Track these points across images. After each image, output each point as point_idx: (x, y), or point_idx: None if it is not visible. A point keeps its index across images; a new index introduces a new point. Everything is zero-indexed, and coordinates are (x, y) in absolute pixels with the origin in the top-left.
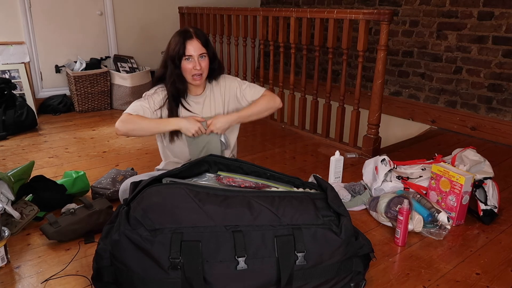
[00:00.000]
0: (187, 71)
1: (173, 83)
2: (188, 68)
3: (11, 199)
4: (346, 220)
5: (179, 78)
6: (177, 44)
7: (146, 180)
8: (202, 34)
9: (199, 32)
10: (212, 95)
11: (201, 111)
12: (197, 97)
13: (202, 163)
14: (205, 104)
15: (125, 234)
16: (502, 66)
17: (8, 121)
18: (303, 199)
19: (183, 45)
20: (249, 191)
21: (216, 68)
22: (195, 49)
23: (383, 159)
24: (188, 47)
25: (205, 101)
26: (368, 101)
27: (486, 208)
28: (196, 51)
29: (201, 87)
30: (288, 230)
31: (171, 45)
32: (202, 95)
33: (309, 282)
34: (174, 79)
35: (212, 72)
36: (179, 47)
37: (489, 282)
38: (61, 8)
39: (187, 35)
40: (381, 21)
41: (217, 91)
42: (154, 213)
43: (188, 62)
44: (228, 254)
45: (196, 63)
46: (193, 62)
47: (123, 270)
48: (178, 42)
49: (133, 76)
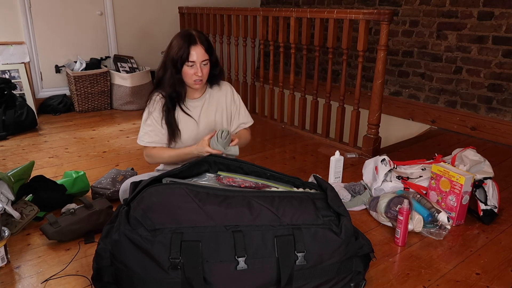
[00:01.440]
0: (188, 76)
1: (172, 86)
2: (189, 74)
3: (11, 199)
4: (346, 220)
5: (180, 82)
6: (180, 48)
7: (146, 180)
8: (206, 39)
9: (203, 38)
10: (211, 99)
11: (198, 115)
12: (195, 101)
13: (202, 163)
14: (203, 108)
15: (125, 234)
16: (502, 66)
17: (8, 121)
18: (303, 199)
19: (187, 50)
20: (249, 191)
21: (217, 73)
22: (198, 56)
23: (383, 159)
24: (191, 52)
25: (203, 105)
26: (368, 101)
27: (486, 208)
28: (199, 57)
29: (200, 91)
30: (288, 230)
31: (173, 48)
32: (201, 98)
33: (309, 282)
34: (174, 82)
35: (213, 77)
36: (182, 52)
37: (489, 282)
38: (61, 8)
39: (191, 40)
40: (381, 21)
41: (217, 97)
42: (154, 213)
43: (190, 68)
44: (228, 254)
45: (198, 69)
46: (195, 69)
47: (123, 270)
48: (181, 46)
49: (133, 76)
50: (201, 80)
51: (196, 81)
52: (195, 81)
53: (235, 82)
